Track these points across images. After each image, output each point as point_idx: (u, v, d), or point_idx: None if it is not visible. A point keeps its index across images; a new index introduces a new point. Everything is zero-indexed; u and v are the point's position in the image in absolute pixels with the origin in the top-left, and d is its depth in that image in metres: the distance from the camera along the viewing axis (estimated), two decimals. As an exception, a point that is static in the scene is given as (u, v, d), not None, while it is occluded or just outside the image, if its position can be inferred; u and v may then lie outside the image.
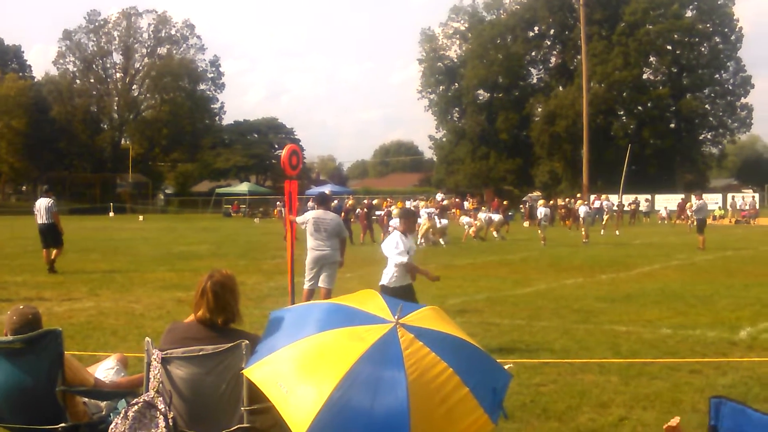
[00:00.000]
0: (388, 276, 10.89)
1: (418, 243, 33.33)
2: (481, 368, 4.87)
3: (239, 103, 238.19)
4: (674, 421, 4.25)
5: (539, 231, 34.88)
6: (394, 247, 10.85)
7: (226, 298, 5.50)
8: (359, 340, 4.61)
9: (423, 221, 34.46)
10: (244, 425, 5.20)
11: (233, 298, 5.56)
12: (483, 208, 48.96)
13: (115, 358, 6.78)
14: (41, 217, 22.32)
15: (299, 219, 13.74)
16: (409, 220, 11.85)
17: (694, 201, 35.87)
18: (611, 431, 7.50)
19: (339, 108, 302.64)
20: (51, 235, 22.18)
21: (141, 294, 17.49)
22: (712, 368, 10.02)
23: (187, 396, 5.26)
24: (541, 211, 36.09)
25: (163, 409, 5.08)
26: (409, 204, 44.11)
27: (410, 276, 10.96)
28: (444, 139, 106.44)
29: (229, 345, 5.20)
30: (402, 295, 9.85)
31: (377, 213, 44.55)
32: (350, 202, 44.67)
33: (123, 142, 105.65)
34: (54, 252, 22.08)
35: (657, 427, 7.57)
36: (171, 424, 5.06)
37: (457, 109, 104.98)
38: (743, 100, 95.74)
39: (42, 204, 22.46)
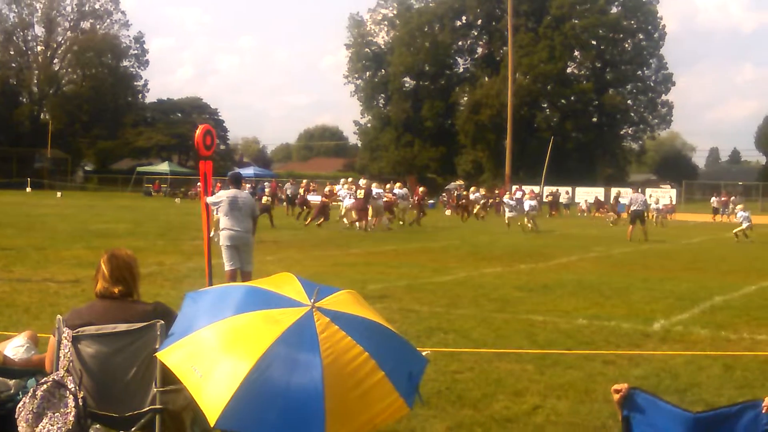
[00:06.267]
0: None
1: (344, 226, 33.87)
2: (398, 353, 4.87)
3: (167, 81, 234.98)
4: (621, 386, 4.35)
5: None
6: None
7: (121, 270, 5.52)
8: (275, 323, 4.57)
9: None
10: (157, 406, 5.13)
11: (129, 273, 5.57)
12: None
13: (25, 336, 6.62)
14: None
15: (211, 200, 13.45)
16: None
17: (631, 194, 36.65)
18: (525, 419, 7.54)
19: (267, 91, 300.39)
20: None
21: (56, 271, 17.17)
22: (626, 359, 10.16)
23: (97, 376, 5.18)
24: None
25: (72, 389, 4.99)
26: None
27: None
28: (369, 125, 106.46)
29: (143, 324, 5.13)
30: None
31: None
32: (303, 183, 43.37)
33: (42, 116, 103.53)
34: None
35: (570, 416, 7.67)
36: (81, 404, 4.97)
37: (383, 95, 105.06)
38: (664, 97, 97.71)
39: None
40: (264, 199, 37.74)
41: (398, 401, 4.58)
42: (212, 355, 4.55)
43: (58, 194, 68.20)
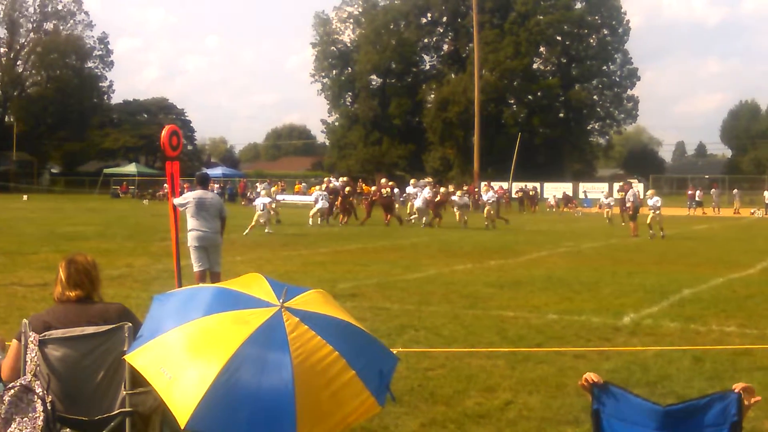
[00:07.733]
0: None
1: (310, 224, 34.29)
2: (368, 351, 4.85)
3: (133, 82, 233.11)
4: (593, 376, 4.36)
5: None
6: None
7: (79, 275, 5.50)
8: (244, 323, 4.53)
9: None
10: (127, 409, 5.09)
11: (87, 277, 5.53)
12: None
13: (-9, 341, 6.55)
14: None
15: (178, 201, 13.34)
16: None
17: (625, 190, 37.19)
18: (497, 415, 7.56)
19: (235, 91, 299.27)
20: None
21: (24, 275, 17.00)
22: (597, 353, 10.20)
23: (65, 379, 5.13)
24: None
25: (40, 393, 4.94)
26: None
27: None
28: (336, 124, 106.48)
29: (111, 327, 5.10)
30: None
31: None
32: (336, 184, 42.33)
33: (7, 119, 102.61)
34: None
35: (542, 410, 7.68)
36: (49, 408, 4.92)
37: (350, 93, 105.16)
38: (629, 92, 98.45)
39: None
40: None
41: (369, 400, 4.56)
42: (181, 356, 4.51)
43: (24, 197, 67.56)
